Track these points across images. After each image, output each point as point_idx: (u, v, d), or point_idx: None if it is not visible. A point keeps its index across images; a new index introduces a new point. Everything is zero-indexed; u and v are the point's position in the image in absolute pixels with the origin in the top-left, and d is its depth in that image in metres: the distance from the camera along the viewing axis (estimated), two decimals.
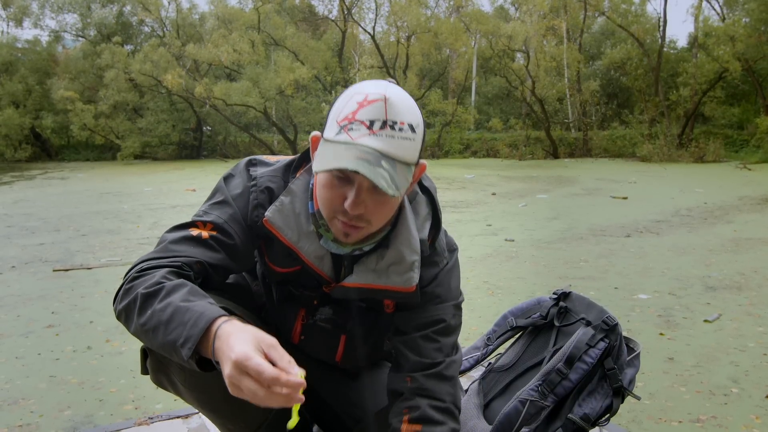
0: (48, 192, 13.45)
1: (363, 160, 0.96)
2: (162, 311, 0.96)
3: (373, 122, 0.98)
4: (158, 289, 0.99)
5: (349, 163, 0.95)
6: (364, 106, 0.99)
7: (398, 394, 1.21)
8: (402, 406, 1.18)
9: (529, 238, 6.61)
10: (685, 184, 12.35)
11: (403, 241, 1.14)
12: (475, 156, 23.59)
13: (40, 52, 27.17)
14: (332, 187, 1.03)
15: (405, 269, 1.13)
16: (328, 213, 1.07)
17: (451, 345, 1.24)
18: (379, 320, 1.27)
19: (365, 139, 0.98)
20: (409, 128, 1.00)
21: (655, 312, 3.75)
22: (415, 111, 1.03)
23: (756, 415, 2.31)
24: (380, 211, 1.05)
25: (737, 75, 19.21)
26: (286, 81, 21.96)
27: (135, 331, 1.02)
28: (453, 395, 1.21)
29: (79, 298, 4.33)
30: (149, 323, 0.97)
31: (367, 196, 1.01)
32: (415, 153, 1.03)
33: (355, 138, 0.98)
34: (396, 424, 1.18)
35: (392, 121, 0.99)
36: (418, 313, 1.21)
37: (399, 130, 0.99)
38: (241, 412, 1.19)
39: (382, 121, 0.98)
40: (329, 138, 1.02)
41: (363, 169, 0.95)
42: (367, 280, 1.15)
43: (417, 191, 1.22)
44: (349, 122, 0.99)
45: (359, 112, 0.99)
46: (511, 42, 22.15)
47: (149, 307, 0.98)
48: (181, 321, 0.93)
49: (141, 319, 0.99)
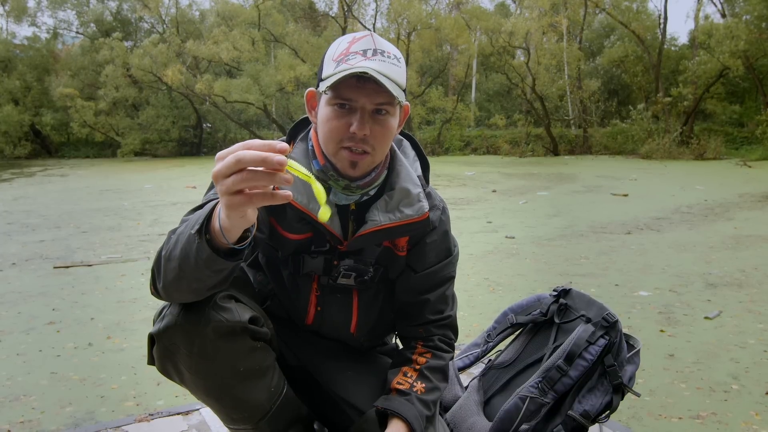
0: (48, 189, 13.45)
1: (368, 69, 1.09)
2: (184, 227, 0.99)
3: (366, 51, 1.14)
4: (181, 224, 1.03)
5: (355, 73, 1.08)
6: (355, 42, 1.15)
7: (410, 338, 1.40)
8: (416, 341, 1.38)
9: (529, 235, 6.61)
10: (686, 181, 12.34)
11: (404, 178, 1.27)
12: (476, 153, 23.56)
13: (39, 49, 27.14)
14: (337, 117, 1.14)
15: (414, 201, 1.25)
16: (334, 144, 1.17)
17: (455, 297, 1.43)
18: (392, 266, 1.35)
19: (362, 62, 1.12)
20: (395, 57, 1.16)
21: (656, 309, 3.75)
22: (396, 49, 1.19)
23: (756, 412, 2.31)
24: (382, 134, 1.16)
25: (739, 72, 19.16)
26: (287, 78, 21.94)
27: (163, 271, 1.00)
28: (456, 332, 1.43)
29: (80, 294, 4.33)
30: (171, 244, 0.99)
31: (369, 119, 1.14)
32: (403, 78, 1.17)
33: (353, 64, 1.11)
34: (408, 354, 1.36)
35: (381, 50, 1.15)
36: (427, 275, 1.34)
37: (388, 57, 1.15)
38: (245, 401, 1.20)
39: (374, 49, 1.14)
40: (328, 74, 1.14)
41: (371, 72, 1.08)
42: (383, 221, 1.24)
43: (401, 138, 1.39)
44: (344, 55, 1.14)
45: (352, 46, 1.15)
46: (512, 39, 22.11)
47: (173, 236, 1.01)
48: (196, 217, 0.96)
49: (166, 251, 1.00)
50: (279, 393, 1.26)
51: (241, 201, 0.78)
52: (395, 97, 1.12)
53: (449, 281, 1.38)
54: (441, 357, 1.37)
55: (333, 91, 1.13)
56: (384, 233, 1.25)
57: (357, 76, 1.09)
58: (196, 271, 0.95)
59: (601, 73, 25.55)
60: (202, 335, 1.09)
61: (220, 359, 1.12)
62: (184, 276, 0.97)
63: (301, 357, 1.40)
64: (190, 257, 0.93)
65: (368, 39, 1.15)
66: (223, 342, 1.11)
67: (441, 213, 1.34)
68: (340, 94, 1.13)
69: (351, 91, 1.12)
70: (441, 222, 1.34)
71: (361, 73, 1.08)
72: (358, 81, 1.11)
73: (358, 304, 1.36)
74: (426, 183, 1.34)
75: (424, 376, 1.32)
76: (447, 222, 1.37)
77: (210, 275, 0.97)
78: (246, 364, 1.16)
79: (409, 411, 1.25)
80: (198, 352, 1.10)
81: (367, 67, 1.09)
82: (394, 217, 1.24)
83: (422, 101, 24.46)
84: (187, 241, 0.93)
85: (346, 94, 1.13)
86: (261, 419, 1.24)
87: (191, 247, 0.92)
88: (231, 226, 0.87)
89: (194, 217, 0.98)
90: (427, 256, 1.33)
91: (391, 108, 1.16)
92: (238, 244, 0.92)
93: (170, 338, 1.10)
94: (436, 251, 1.34)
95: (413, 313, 1.37)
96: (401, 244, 1.32)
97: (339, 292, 1.34)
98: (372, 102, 1.13)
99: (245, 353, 1.15)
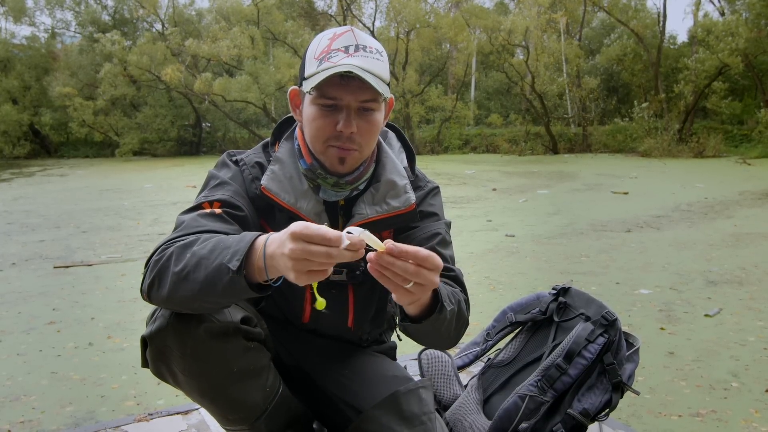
0: (47, 189, 13.44)
1: (351, 67, 1.08)
2: (202, 248, 0.98)
3: (347, 47, 1.12)
4: (194, 240, 1.02)
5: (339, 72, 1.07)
6: (336, 39, 1.14)
7: None
8: None
9: (529, 234, 6.61)
10: (686, 179, 12.34)
11: (390, 170, 1.27)
12: (475, 152, 23.55)
13: (38, 49, 27.12)
14: (323, 116, 1.14)
15: (400, 192, 1.25)
16: (321, 143, 1.17)
17: (453, 257, 1.34)
18: None
19: (345, 59, 1.11)
20: (377, 51, 1.15)
21: (656, 307, 3.76)
22: (377, 42, 1.18)
23: (755, 409, 2.31)
24: (368, 131, 1.16)
25: (738, 70, 19.14)
26: (286, 77, 21.91)
27: (171, 285, 0.99)
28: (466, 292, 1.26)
29: (80, 294, 4.33)
30: (189, 264, 0.97)
31: (355, 116, 1.14)
32: (386, 72, 1.16)
33: (336, 62, 1.10)
34: None
35: (362, 45, 1.13)
36: (415, 232, 1.29)
37: (370, 52, 1.14)
38: (240, 401, 1.20)
39: (355, 45, 1.13)
40: (311, 73, 1.13)
41: (355, 70, 1.07)
42: (370, 214, 1.23)
43: (386, 130, 1.38)
44: (326, 53, 1.13)
45: (333, 43, 1.13)
46: (511, 37, 22.08)
47: (187, 252, 0.99)
48: (225, 245, 0.95)
49: (178, 267, 0.98)
50: (275, 393, 1.26)
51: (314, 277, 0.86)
52: (380, 93, 1.11)
53: (439, 236, 1.29)
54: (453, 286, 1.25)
55: (317, 90, 1.12)
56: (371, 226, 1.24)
57: (341, 74, 1.09)
58: (219, 299, 0.97)
59: (601, 72, 25.51)
60: (194, 337, 1.09)
61: (213, 360, 1.12)
62: (202, 299, 0.98)
63: (298, 356, 1.40)
64: (217, 287, 0.94)
65: (349, 35, 1.14)
66: (216, 343, 1.11)
67: (427, 193, 1.32)
68: (324, 93, 1.12)
69: (336, 90, 1.12)
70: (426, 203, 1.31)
71: (345, 72, 1.07)
72: (342, 79, 1.11)
73: (354, 299, 1.36)
74: (412, 173, 1.34)
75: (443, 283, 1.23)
76: (436, 205, 1.33)
77: (231, 301, 1.00)
78: (240, 365, 1.16)
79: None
80: (191, 354, 1.10)
81: (350, 65, 1.09)
82: (381, 210, 1.24)
83: (421, 100, 24.45)
84: (217, 271, 0.93)
85: (331, 93, 1.12)
86: (257, 419, 1.24)
87: (221, 279, 0.92)
88: (278, 273, 0.91)
89: (222, 244, 0.96)
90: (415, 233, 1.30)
91: (377, 104, 1.15)
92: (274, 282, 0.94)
93: (163, 340, 1.10)
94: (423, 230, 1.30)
95: None
96: (386, 235, 1.30)
97: (334, 288, 1.33)
98: (357, 100, 1.13)
99: (238, 353, 1.15)
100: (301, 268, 0.84)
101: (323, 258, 0.83)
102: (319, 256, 0.82)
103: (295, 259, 0.84)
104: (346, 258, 0.83)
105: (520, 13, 23.22)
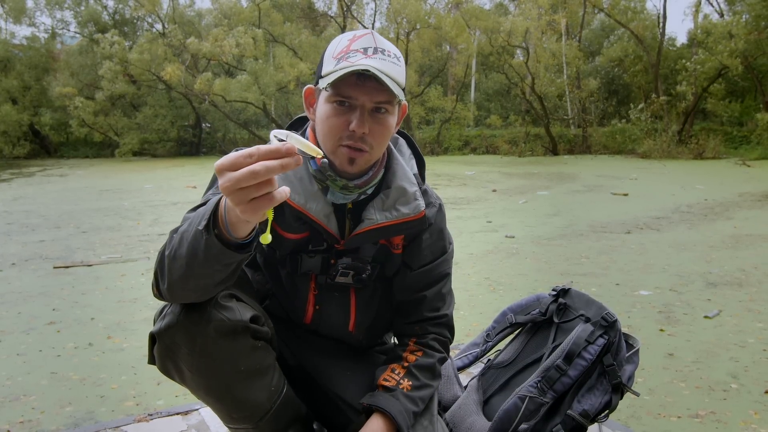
0: (47, 189, 13.44)
1: (368, 67, 1.09)
2: (185, 226, 0.99)
3: (366, 49, 1.14)
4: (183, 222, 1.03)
5: (356, 71, 1.08)
6: (355, 40, 1.15)
7: (405, 336, 1.40)
8: (409, 338, 1.39)
9: (529, 235, 6.61)
10: (686, 180, 12.34)
11: (400, 176, 1.28)
12: (475, 153, 23.55)
13: (38, 49, 27.12)
14: (336, 115, 1.15)
15: (410, 199, 1.27)
16: (333, 141, 1.17)
17: (452, 296, 1.43)
18: (389, 264, 1.35)
19: (363, 60, 1.12)
20: (395, 56, 1.17)
21: (656, 308, 3.76)
22: (396, 48, 1.20)
23: (755, 411, 2.31)
24: (380, 132, 1.17)
25: (738, 72, 19.16)
26: (287, 77, 21.92)
27: (168, 270, 1.00)
28: (452, 332, 1.43)
29: (80, 294, 4.33)
30: (175, 243, 0.98)
31: (369, 117, 1.14)
32: (403, 77, 1.18)
33: (354, 62, 1.11)
34: (400, 351, 1.36)
35: (381, 48, 1.15)
36: (426, 272, 1.35)
37: (388, 55, 1.15)
38: (246, 400, 1.20)
39: (374, 48, 1.14)
40: (328, 71, 1.14)
41: (372, 70, 1.08)
42: (380, 220, 1.25)
43: (397, 136, 1.40)
44: (345, 53, 1.14)
45: (352, 44, 1.15)
46: (511, 38, 22.09)
47: (175, 235, 1.00)
48: (199, 215, 0.95)
49: (168, 250, 0.99)
50: (279, 392, 1.26)
51: (260, 205, 0.79)
52: (395, 95, 1.12)
53: (445, 278, 1.39)
54: (431, 355, 1.36)
55: (333, 88, 1.13)
56: (380, 232, 1.26)
57: (357, 74, 1.10)
58: (205, 267, 0.96)
59: (601, 73, 25.53)
60: (203, 334, 1.09)
61: (222, 358, 1.12)
62: (192, 273, 0.98)
63: (300, 356, 1.40)
64: (198, 254, 0.93)
65: (369, 37, 1.16)
66: (225, 341, 1.11)
67: (437, 210, 1.35)
68: (340, 92, 1.13)
69: (351, 89, 1.13)
70: (437, 220, 1.35)
71: (363, 70, 1.08)
72: (359, 79, 1.11)
73: (356, 303, 1.37)
74: (422, 181, 1.35)
75: (412, 374, 1.32)
76: (443, 220, 1.38)
77: (219, 269, 0.97)
78: (247, 364, 1.17)
79: (393, 406, 1.24)
80: (199, 351, 1.10)
81: (368, 65, 1.10)
82: (391, 216, 1.25)
83: (421, 101, 24.47)
84: (194, 238, 0.93)
85: (346, 92, 1.13)
86: (261, 418, 1.24)
87: (199, 244, 0.92)
88: (239, 223, 0.88)
89: (197, 215, 0.97)
90: (423, 254, 1.34)
91: (391, 107, 1.16)
92: (244, 238, 0.93)
93: (171, 337, 1.10)
94: (431, 249, 1.35)
95: (410, 311, 1.38)
96: (397, 241, 1.33)
97: (337, 291, 1.34)
98: (372, 100, 1.14)
99: (246, 352, 1.16)
100: (240, 200, 0.78)
101: (250, 178, 0.75)
102: (246, 178, 0.75)
103: (230, 193, 0.77)
104: (275, 169, 0.75)
105: (520, 14, 23.23)
